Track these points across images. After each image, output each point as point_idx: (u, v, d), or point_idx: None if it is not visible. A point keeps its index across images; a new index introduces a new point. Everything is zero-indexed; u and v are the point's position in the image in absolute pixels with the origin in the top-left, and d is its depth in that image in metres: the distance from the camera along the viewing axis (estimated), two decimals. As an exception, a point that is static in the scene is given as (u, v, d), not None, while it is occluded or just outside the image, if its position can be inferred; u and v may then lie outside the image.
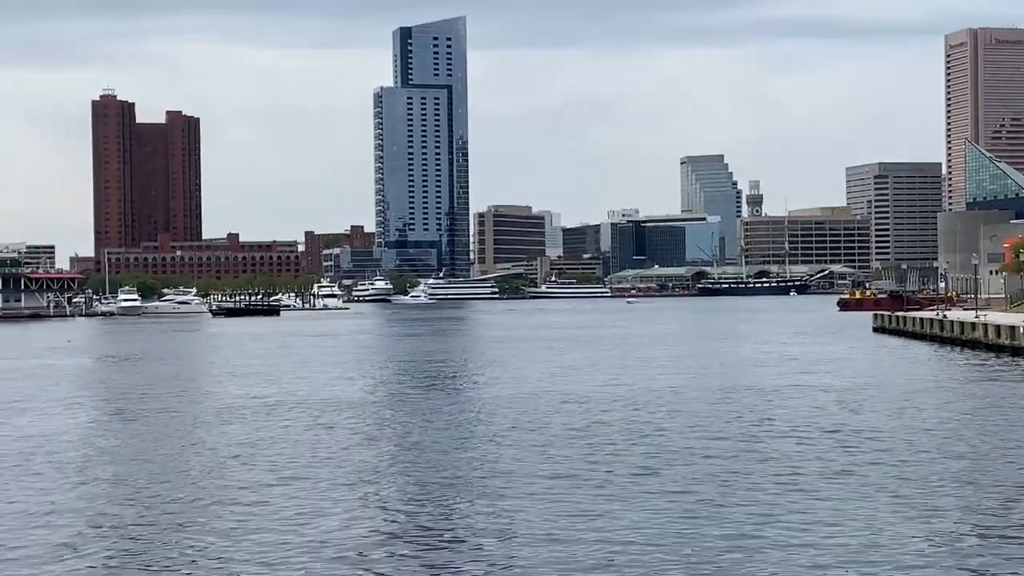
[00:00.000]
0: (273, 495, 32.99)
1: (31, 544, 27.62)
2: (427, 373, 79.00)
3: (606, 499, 31.71)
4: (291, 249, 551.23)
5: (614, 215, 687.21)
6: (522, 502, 31.42)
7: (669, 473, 35.66)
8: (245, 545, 27.13)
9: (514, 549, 26.43)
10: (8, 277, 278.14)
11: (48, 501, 32.72)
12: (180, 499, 32.79)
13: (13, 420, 53.03)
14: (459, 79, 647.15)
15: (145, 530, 28.97)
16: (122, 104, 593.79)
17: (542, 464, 37.61)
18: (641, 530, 27.98)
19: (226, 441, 44.46)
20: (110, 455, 41.64)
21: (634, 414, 51.06)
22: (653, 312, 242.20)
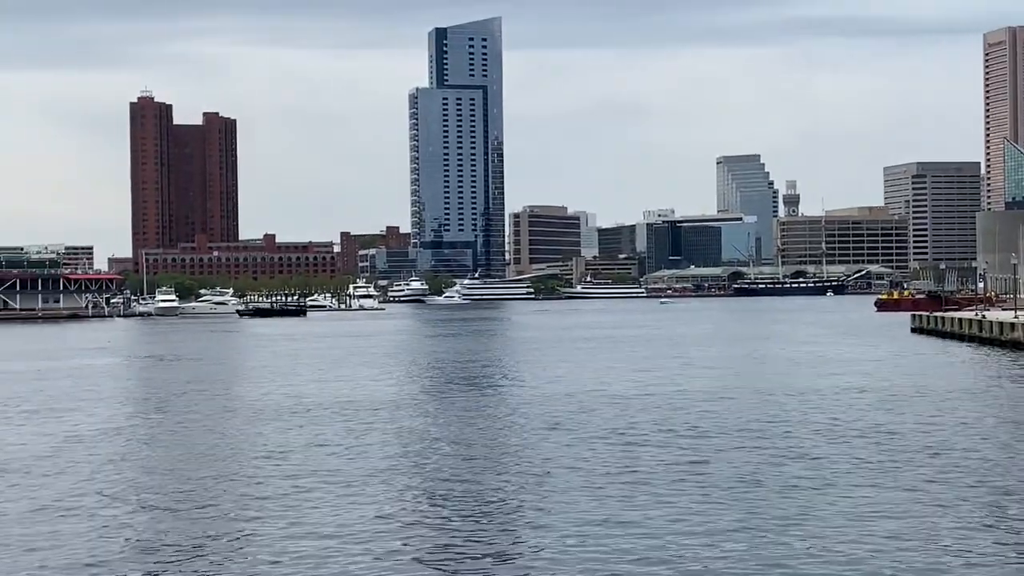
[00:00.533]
0: (312, 493, 32.99)
1: (71, 537, 27.76)
2: (461, 373, 78.96)
3: (643, 497, 31.53)
4: (327, 250, 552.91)
5: (650, 215, 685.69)
6: (560, 499, 31.31)
7: (706, 472, 35.43)
8: (282, 541, 27.17)
9: (552, 546, 26.32)
10: (47, 278, 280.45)
11: (86, 497, 32.88)
12: (215, 497, 32.87)
13: (54, 420, 53.37)
14: (494, 79, 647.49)
15: (181, 525, 29.06)
16: (159, 106, 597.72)
17: (579, 463, 37.47)
18: (677, 528, 27.82)
19: (263, 440, 44.57)
20: (147, 453, 41.83)
21: (671, 414, 50.83)
22: (688, 312, 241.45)
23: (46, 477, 36.92)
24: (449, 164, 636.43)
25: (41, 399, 63.69)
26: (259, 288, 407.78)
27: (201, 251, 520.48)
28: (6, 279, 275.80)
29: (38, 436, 47.25)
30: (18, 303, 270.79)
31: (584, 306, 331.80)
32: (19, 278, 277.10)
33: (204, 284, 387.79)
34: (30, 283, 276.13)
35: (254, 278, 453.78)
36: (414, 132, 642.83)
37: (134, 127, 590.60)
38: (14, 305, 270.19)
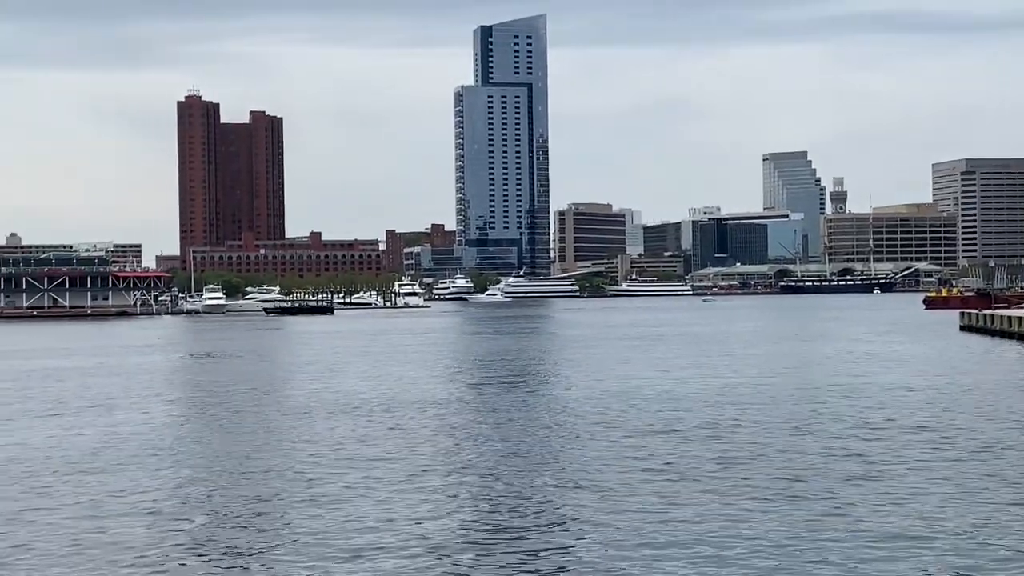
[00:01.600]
0: (359, 491, 33.07)
1: (120, 532, 27.98)
2: (506, 370, 78.95)
3: (689, 494, 31.39)
4: (372, 247, 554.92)
5: (695, 212, 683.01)
6: (606, 496, 31.22)
7: (753, 470, 35.21)
8: (328, 538, 27.25)
9: (598, 543, 26.24)
10: (96, 276, 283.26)
11: (135, 493, 33.11)
12: (262, 493, 33.02)
13: (105, 416, 53.84)
14: (539, 77, 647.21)
15: (227, 520, 29.21)
16: (207, 105, 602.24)
17: (625, 459, 37.34)
18: (722, 525, 27.66)
19: (310, 437, 44.72)
20: (196, 449, 42.09)
21: (719, 411, 50.57)
22: (733, 310, 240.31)
23: (96, 474, 37.21)
24: (494, 162, 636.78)
25: (92, 396, 64.30)
26: (305, 286, 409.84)
27: (248, 249, 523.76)
28: (56, 277, 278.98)
29: (89, 432, 47.64)
30: (67, 300, 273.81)
31: (629, 304, 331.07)
32: (69, 276, 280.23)
33: (251, 282, 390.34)
34: (79, 281, 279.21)
35: (300, 276, 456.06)
36: (459, 130, 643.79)
37: (182, 126, 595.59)
38: (64, 303, 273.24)
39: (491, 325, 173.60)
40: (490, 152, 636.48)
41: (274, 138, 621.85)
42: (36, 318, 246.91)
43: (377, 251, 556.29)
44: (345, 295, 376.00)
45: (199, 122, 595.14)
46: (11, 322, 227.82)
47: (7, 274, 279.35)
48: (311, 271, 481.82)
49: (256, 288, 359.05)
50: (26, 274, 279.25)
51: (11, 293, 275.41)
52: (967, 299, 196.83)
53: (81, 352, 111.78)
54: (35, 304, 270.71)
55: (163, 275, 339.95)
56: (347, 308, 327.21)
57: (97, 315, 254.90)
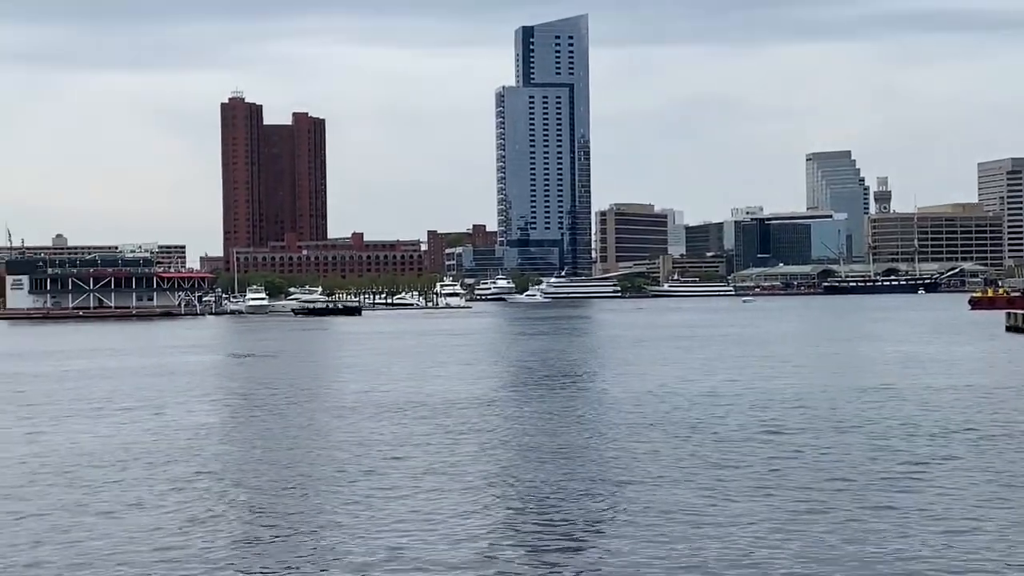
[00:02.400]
0: (404, 489, 33.12)
1: (164, 529, 28.14)
2: (549, 371, 78.85)
3: (734, 496, 31.22)
4: (414, 248, 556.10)
5: (738, 212, 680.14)
6: (649, 495, 31.11)
7: (798, 470, 34.98)
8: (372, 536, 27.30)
9: (639, 541, 26.14)
10: (141, 277, 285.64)
11: (180, 491, 33.32)
12: (304, 493, 33.14)
13: (152, 415, 54.21)
14: (581, 77, 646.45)
15: (270, 519, 29.31)
16: (250, 106, 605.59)
17: (670, 458, 37.19)
18: (767, 527, 27.49)
19: (352, 435, 44.82)
20: (241, 448, 42.30)
21: (763, 412, 50.29)
22: (775, 311, 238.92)
23: (143, 471, 37.46)
24: (536, 162, 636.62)
25: (139, 395, 64.78)
26: (347, 286, 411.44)
27: (290, 250, 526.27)
28: (101, 277, 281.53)
29: (136, 431, 47.99)
30: (113, 301, 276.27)
31: (671, 304, 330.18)
32: (114, 276, 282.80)
33: (293, 283, 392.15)
34: (124, 281, 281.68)
35: (342, 276, 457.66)
36: (501, 131, 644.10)
37: (225, 127, 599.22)
38: (109, 303, 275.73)
39: (531, 326, 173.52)
40: (531, 152, 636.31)
41: (316, 139, 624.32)
42: (82, 318, 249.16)
43: (419, 252, 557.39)
44: (387, 296, 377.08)
45: (242, 123, 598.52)
46: (57, 323, 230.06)
47: (53, 275, 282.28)
48: (353, 272, 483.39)
49: (299, 289, 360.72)
50: (72, 275, 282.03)
51: (57, 294, 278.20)
52: (1013, 299, 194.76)
53: (127, 352, 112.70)
54: (81, 305, 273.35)
55: (207, 276, 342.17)
56: (387, 309, 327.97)
57: (142, 316, 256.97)
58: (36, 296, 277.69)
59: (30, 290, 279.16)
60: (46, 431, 48.69)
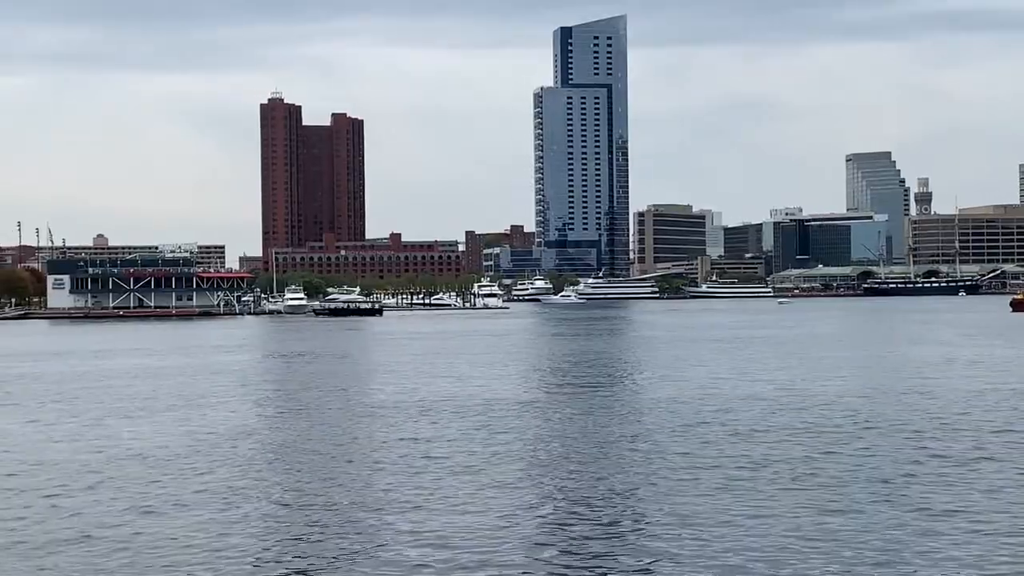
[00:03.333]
0: (442, 489, 33.10)
1: (206, 528, 28.25)
2: (586, 372, 78.70)
3: (773, 497, 31.00)
4: (452, 249, 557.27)
5: (777, 214, 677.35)
6: (689, 498, 30.94)
7: (838, 474, 34.70)
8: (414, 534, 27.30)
9: (681, 544, 26.00)
10: (181, 276, 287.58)
11: (220, 491, 33.44)
12: (344, 494, 33.18)
13: (195, 415, 54.48)
14: (619, 78, 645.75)
15: (311, 518, 29.37)
16: (289, 107, 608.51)
17: (709, 461, 36.98)
18: (809, 530, 27.28)
19: (390, 434, 44.88)
20: (282, 448, 42.43)
21: (804, 415, 49.94)
22: (812, 313, 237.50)
23: (187, 469, 37.65)
24: (573, 163, 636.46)
25: (182, 394, 65.13)
26: (385, 287, 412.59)
27: (329, 250, 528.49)
28: (141, 277, 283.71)
29: (180, 430, 48.23)
30: (153, 301, 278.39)
31: (709, 306, 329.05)
32: (154, 276, 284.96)
33: (332, 283, 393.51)
34: (164, 281, 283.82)
35: (380, 277, 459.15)
36: (539, 131, 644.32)
37: (264, 128, 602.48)
38: (149, 303, 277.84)
39: (568, 326, 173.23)
40: (569, 153, 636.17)
41: (355, 140, 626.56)
42: (122, 318, 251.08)
43: (456, 252, 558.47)
44: (424, 296, 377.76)
45: (281, 124, 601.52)
46: (98, 322, 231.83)
47: (94, 275, 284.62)
48: (391, 272, 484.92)
49: (336, 289, 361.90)
50: (113, 275, 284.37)
51: (98, 293, 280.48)
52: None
53: (168, 352, 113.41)
54: (121, 304, 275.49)
55: (246, 276, 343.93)
56: (424, 309, 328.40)
57: (181, 315, 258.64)
58: (77, 296, 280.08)
59: (71, 290, 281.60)
60: (91, 430, 49.00)
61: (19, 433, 48.35)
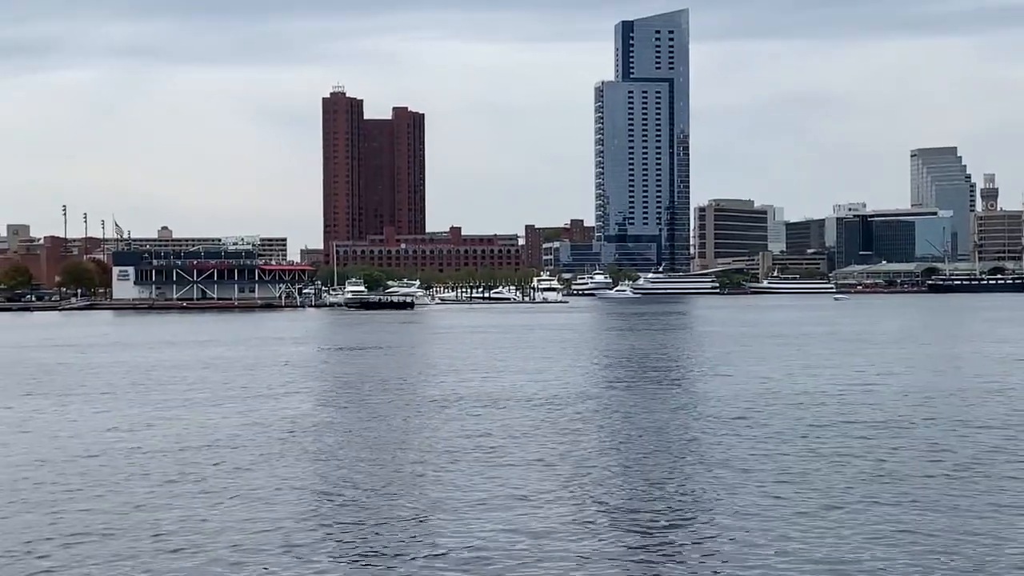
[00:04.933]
0: (494, 482, 33.01)
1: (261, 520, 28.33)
2: (644, 366, 78.33)
3: (839, 494, 30.60)
4: (511, 242, 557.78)
5: (840, 209, 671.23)
6: (748, 495, 30.61)
7: (903, 471, 34.17)
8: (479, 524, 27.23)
9: (737, 543, 25.70)
10: (243, 269, 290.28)
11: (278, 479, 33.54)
12: (402, 485, 33.16)
13: (263, 404, 54.79)
14: (681, 72, 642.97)
15: (365, 512, 29.36)
16: (351, 101, 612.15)
17: (768, 456, 36.58)
18: (873, 530, 26.86)
19: (449, 429, 44.85)
20: (341, 440, 42.53)
21: (868, 412, 49.32)
22: (871, 309, 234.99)
23: (253, 459, 37.83)
24: (634, 158, 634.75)
25: (249, 385, 65.57)
26: (444, 280, 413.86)
27: (389, 243, 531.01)
28: (205, 269, 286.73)
29: (239, 420, 48.51)
30: (215, 293, 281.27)
31: (769, 302, 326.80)
32: (217, 269, 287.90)
33: (392, 276, 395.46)
34: (227, 273, 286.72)
35: (440, 270, 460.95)
36: (599, 126, 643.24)
37: (326, 122, 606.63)
38: (212, 295, 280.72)
39: (625, 320, 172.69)
40: (630, 148, 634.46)
41: (416, 133, 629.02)
42: (185, 309, 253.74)
43: (516, 246, 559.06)
44: (484, 290, 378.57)
45: (343, 118, 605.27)
46: (162, 313, 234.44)
47: (158, 267, 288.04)
48: (451, 266, 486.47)
49: (396, 282, 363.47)
50: (176, 267, 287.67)
51: (162, 285, 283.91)
52: None
53: (235, 343, 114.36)
54: (184, 296, 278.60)
55: (307, 268, 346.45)
56: (485, 303, 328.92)
57: (244, 307, 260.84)
58: (142, 287, 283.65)
59: (136, 281, 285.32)
60: (162, 419, 49.44)
61: (90, 422, 48.86)
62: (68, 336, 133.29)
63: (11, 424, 48.22)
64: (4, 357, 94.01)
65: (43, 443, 42.26)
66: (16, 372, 77.06)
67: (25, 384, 67.65)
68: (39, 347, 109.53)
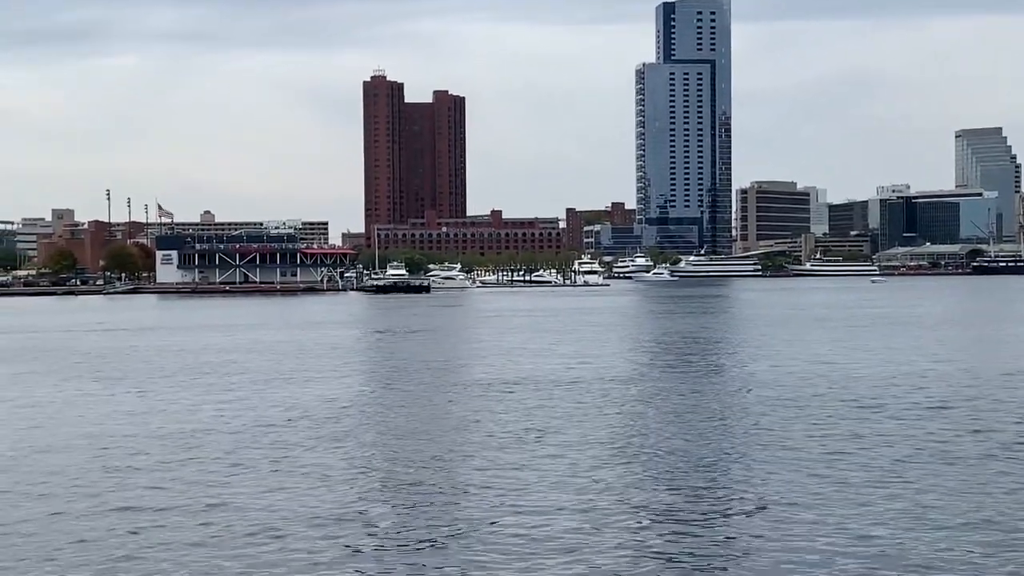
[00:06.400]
0: (543, 465, 33.37)
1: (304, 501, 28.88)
2: (687, 350, 78.41)
3: (880, 479, 30.78)
4: (552, 226, 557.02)
5: (883, 191, 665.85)
6: (791, 477, 30.83)
7: (946, 453, 34.29)
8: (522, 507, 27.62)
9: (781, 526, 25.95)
10: (285, 253, 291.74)
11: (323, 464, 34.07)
12: (445, 468, 33.60)
13: (312, 387, 55.48)
14: (722, 53, 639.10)
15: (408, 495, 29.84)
16: (391, 84, 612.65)
17: (810, 440, 36.76)
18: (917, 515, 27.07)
19: (490, 412, 45.22)
20: (380, 421, 43.04)
21: (905, 394, 49.36)
22: (909, 291, 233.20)
23: (304, 440, 38.40)
24: (675, 140, 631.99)
25: (287, 368, 66.29)
26: (485, 263, 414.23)
27: (430, 227, 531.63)
28: (247, 253, 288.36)
29: (299, 402, 49.13)
30: (258, 276, 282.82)
31: (810, 284, 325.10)
32: (259, 252, 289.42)
33: (433, 259, 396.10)
34: (269, 257, 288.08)
35: (481, 254, 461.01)
36: (640, 108, 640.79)
37: (367, 106, 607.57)
38: (254, 279, 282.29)
39: (670, 304, 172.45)
40: (671, 130, 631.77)
41: (456, 117, 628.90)
42: (228, 293, 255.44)
43: (557, 229, 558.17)
44: (525, 273, 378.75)
45: (384, 102, 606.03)
46: (205, 297, 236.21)
47: (201, 251, 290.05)
48: (491, 249, 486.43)
49: (437, 265, 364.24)
50: (219, 251, 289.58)
51: (205, 269, 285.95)
52: None
53: (281, 326, 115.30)
54: (227, 280, 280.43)
55: (349, 252, 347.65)
56: (525, 286, 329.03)
57: (286, 291, 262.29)
58: (185, 271, 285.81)
59: (179, 265, 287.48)
60: (210, 401, 50.20)
61: (155, 405, 49.65)
62: (117, 320, 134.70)
63: (79, 406, 49.14)
64: (59, 342, 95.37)
65: (118, 424, 43.06)
66: (71, 356, 78.23)
67: (80, 367, 68.74)
68: (93, 331, 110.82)
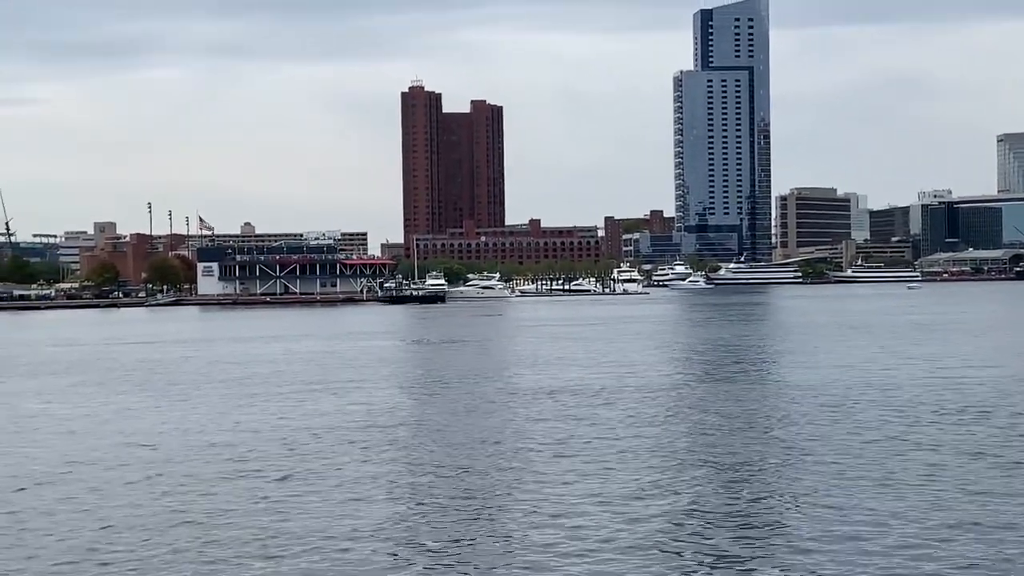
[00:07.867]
0: (578, 475, 33.40)
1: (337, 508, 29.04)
2: (727, 358, 78.22)
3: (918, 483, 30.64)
4: (591, 234, 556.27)
5: (925, 196, 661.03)
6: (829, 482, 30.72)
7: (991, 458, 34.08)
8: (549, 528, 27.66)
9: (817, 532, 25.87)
10: (324, 263, 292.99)
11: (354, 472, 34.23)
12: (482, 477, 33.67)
13: (341, 397, 55.78)
14: (761, 60, 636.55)
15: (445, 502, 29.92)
16: (429, 94, 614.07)
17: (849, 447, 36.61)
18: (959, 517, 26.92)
19: (529, 422, 45.29)
20: (419, 430, 43.20)
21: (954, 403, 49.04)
22: (946, 297, 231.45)
23: (343, 448, 38.61)
24: (714, 147, 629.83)
25: (325, 378, 66.65)
26: (524, 272, 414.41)
27: (469, 236, 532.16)
28: (287, 264, 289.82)
29: (342, 411, 49.39)
30: (298, 287, 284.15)
31: (853, 291, 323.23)
32: (299, 263, 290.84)
33: (472, 269, 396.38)
34: (309, 268, 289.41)
35: (520, 263, 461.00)
36: (678, 115, 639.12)
37: (405, 116, 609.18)
38: (294, 289, 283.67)
39: (710, 313, 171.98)
40: (710, 137, 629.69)
41: (494, 126, 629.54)
42: (269, 304, 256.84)
43: (596, 238, 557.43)
44: (564, 282, 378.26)
45: (422, 112, 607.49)
46: (246, 308, 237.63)
47: (241, 262, 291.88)
48: (530, 258, 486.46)
49: (476, 275, 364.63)
50: (259, 262, 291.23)
51: (245, 280, 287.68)
52: None
53: (326, 337, 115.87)
54: (268, 291, 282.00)
55: (388, 262, 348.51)
56: (565, 295, 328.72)
57: (326, 301, 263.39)
58: (226, 282, 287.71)
59: (220, 276, 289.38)
60: (251, 411, 50.57)
61: (191, 418, 50.07)
62: (161, 332, 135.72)
63: (131, 417, 49.60)
64: (105, 354, 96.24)
65: (171, 437, 43.49)
66: (118, 369, 78.98)
67: (127, 381, 69.44)
68: (138, 344, 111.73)
